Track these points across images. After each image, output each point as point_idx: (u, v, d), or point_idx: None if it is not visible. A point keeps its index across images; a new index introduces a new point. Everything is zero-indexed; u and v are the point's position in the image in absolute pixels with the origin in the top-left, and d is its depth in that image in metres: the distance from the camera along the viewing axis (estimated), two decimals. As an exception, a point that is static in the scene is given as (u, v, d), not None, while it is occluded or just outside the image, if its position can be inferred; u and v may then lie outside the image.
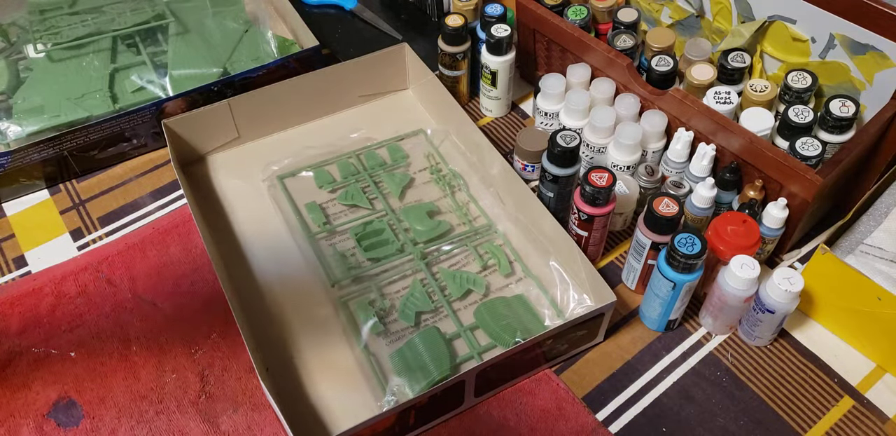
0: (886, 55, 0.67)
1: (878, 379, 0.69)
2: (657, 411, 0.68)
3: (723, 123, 0.71)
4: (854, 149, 0.67)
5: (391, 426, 0.63)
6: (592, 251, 0.77)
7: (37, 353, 0.73)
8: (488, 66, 0.88)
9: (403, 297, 0.74)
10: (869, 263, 0.70)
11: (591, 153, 0.80)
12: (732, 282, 0.65)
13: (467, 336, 0.71)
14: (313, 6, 1.11)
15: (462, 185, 0.85)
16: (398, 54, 0.92)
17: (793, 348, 0.72)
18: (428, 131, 0.90)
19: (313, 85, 0.90)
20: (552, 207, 0.78)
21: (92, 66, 0.90)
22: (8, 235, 0.84)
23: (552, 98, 0.83)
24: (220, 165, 0.89)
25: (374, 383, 0.69)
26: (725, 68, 0.75)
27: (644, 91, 0.78)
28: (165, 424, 0.68)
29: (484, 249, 0.79)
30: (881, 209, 0.73)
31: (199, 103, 0.88)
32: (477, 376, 0.63)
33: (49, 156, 0.84)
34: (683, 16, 0.82)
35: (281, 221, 0.82)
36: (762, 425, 0.67)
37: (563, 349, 0.70)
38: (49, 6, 0.95)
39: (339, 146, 0.89)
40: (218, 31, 0.95)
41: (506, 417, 0.68)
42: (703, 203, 0.71)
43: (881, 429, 0.66)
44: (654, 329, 0.73)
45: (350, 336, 0.72)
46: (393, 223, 0.81)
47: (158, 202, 0.86)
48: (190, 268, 0.79)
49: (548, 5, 0.84)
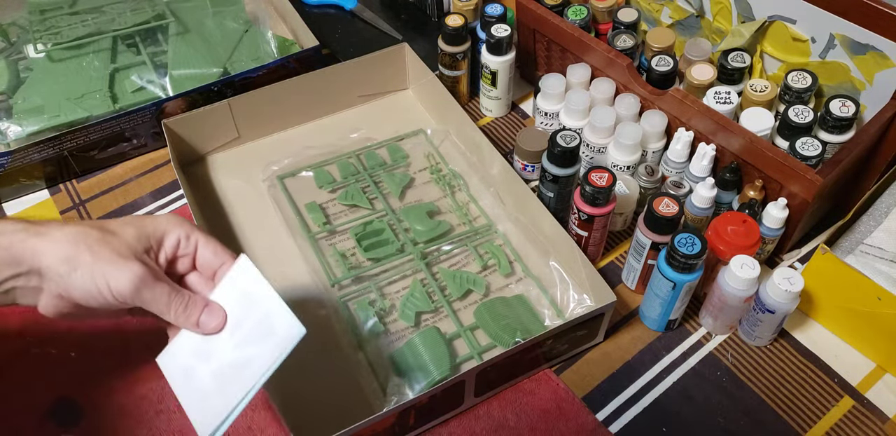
0: (886, 55, 0.67)
1: (878, 379, 0.69)
2: (657, 411, 0.68)
3: (723, 123, 0.71)
4: (854, 149, 0.67)
5: (391, 426, 0.63)
6: (592, 251, 0.77)
7: (37, 353, 0.73)
8: (488, 66, 0.88)
9: (403, 297, 0.74)
10: (869, 263, 0.70)
11: (591, 153, 0.80)
12: (732, 282, 0.65)
13: (467, 336, 0.71)
14: (313, 6, 1.11)
15: (462, 185, 0.85)
16: (398, 54, 0.92)
17: (793, 348, 0.72)
18: (428, 131, 0.90)
19: (313, 85, 0.90)
20: (552, 207, 0.78)
21: (92, 66, 0.90)
22: (8, 235, 0.84)
23: (552, 98, 0.83)
24: (220, 165, 0.89)
25: (374, 383, 0.69)
26: (725, 68, 0.75)
27: (644, 91, 0.78)
28: (165, 424, 0.68)
29: (484, 249, 0.79)
30: (881, 209, 0.73)
31: (199, 103, 0.88)
32: (477, 376, 0.63)
33: (49, 156, 0.84)
34: (683, 16, 0.82)
35: (281, 221, 0.82)
36: (762, 425, 0.67)
37: (563, 349, 0.70)
38: (49, 6, 0.95)
39: (339, 146, 0.89)
40: (218, 31, 0.95)
41: (506, 417, 0.68)
42: (703, 203, 0.71)
43: (881, 429, 0.66)
44: (654, 329, 0.73)
45: (350, 336, 0.72)
46: (393, 223, 0.81)
47: (158, 202, 0.86)
48: (190, 268, 0.79)
49: (548, 5, 0.84)
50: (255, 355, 0.53)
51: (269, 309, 0.53)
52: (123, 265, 0.51)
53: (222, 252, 0.56)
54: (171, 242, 0.54)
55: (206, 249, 0.56)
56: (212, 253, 0.56)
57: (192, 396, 0.55)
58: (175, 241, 0.55)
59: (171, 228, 0.55)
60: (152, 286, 0.52)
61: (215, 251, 0.56)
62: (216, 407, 0.53)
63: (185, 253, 0.55)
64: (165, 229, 0.54)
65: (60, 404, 0.69)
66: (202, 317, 0.54)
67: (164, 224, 0.54)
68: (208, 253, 0.55)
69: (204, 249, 0.56)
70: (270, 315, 0.53)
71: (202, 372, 0.55)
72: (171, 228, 0.55)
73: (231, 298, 0.55)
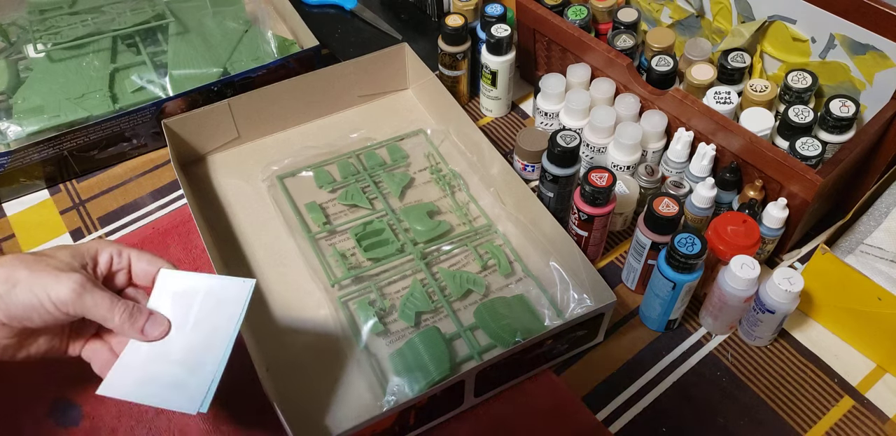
0: (886, 55, 0.67)
1: (878, 379, 0.69)
2: (657, 411, 0.68)
3: (723, 123, 0.71)
4: (854, 149, 0.68)
5: (391, 426, 0.63)
6: (592, 251, 0.77)
7: (37, 353, 0.73)
8: (488, 66, 0.88)
9: (403, 297, 0.74)
10: (869, 263, 0.70)
11: (591, 153, 0.80)
12: (732, 282, 0.65)
13: (467, 336, 0.71)
14: (313, 6, 1.11)
15: (462, 185, 0.85)
16: (398, 54, 0.92)
17: (793, 348, 0.72)
18: (428, 131, 0.90)
19: (313, 85, 0.90)
20: (552, 207, 0.78)
21: (92, 66, 0.90)
22: (8, 235, 0.84)
23: (552, 98, 0.83)
24: (220, 165, 0.89)
25: (374, 383, 0.69)
26: (725, 68, 0.75)
27: (644, 91, 0.78)
28: (165, 424, 0.68)
29: (484, 249, 0.79)
30: (881, 209, 0.73)
31: (199, 103, 0.88)
32: (477, 376, 0.63)
33: (49, 156, 0.84)
34: (683, 16, 0.82)
35: (281, 221, 0.82)
36: (762, 425, 0.67)
37: (563, 349, 0.70)
38: (49, 6, 0.95)
39: (339, 146, 0.89)
40: (218, 31, 0.95)
41: (506, 417, 0.68)
42: (703, 203, 0.71)
43: (881, 429, 0.66)
44: (654, 329, 0.73)
45: (350, 336, 0.72)
46: (393, 223, 0.81)
47: (158, 202, 0.86)
48: (190, 268, 0.79)
49: (548, 5, 0.84)
50: (216, 326, 0.55)
51: (209, 288, 0.56)
52: (62, 275, 0.52)
53: (156, 259, 0.58)
54: (104, 259, 0.56)
55: (140, 261, 0.58)
56: (146, 262, 0.58)
57: (165, 392, 0.56)
58: (108, 257, 0.57)
59: (102, 246, 0.57)
60: (93, 292, 0.53)
61: (150, 260, 0.58)
62: (196, 384, 0.55)
63: (119, 268, 0.57)
64: (97, 248, 0.57)
65: (60, 404, 0.69)
66: (146, 324, 0.56)
67: (95, 244, 0.57)
68: (143, 263, 0.57)
69: (138, 261, 0.58)
70: (212, 292, 0.56)
71: (164, 368, 0.56)
72: (102, 247, 0.57)
73: (166, 303, 0.57)
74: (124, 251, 0.58)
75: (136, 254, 0.58)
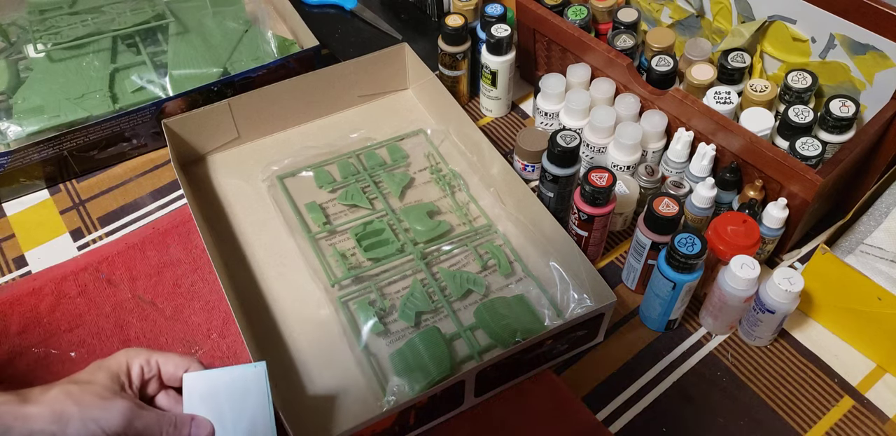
0: (886, 55, 0.67)
1: (878, 379, 0.69)
2: (657, 411, 0.68)
3: (723, 123, 0.71)
4: (854, 149, 0.68)
5: (391, 426, 0.63)
6: (592, 251, 0.77)
7: (37, 353, 0.73)
8: (488, 66, 0.88)
9: (403, 297, 0.74)
10: (869, 263, 0.70)
11: (591, 153, 0.80)
12: (732, 282, 0.65)
13: (467, 336, 0.71)
14: (313, 6, 1.11)
15: (462, 185, 0.85)
16: (398, 54, 0.92)
17: (793, 348, 0.72)
18: (428, 131, 0.90)
19: (313, 85, 0.90)
20: (552, 207, 0.78)
21: (92, 66, 0.90)
22: (8, 235, 0.84)
23: (552, 98, 0.83)
24: (220, 165, 0.89)
25: (374, 383, 0.69)
26: (725, 68, 0.75)
27: (644, 91, 0.78)
28: (165, 424, 0.68)
29: (484, 250, 0.79)
30: (881, 209, 0.73)
31: (199, 103, 0.88)
32: (477, 376, 0.63)
33: (49, 156, 0.84)
34: (683, 16, 0.82)
35: (281, 221, 0.82)
36: (762, 425, 0.67)
37: (563, 349, 0.70)
38: (49, 6, 0.95)
39: (339, 146, 0.89)
40: (218, 31, 0.95)
41: (506, 417, 0.68)
42: (703, 203, 0.71)
43: (881, 429, 0.66)
44: (654, 329, 0.73)
45: (350, 336, 0.72)
46: (393, 223, 0.81)
47: (158, 202, 0.86)
48: (190, 268, 0.79)
49: (548, 5, 0.84)
50: (253, 416, 0.58)
51: (230, 381, 0.59)
52: (110, 405, 0.55)
53: (182, 360, 0.61)
54: (136, 372, 0.59)
55: (168, 365, 0.60)
56: (174, 365, 0.60)
57: None
58: (139, 369, 0.59)
59: (131, 358, 0.59)
60: (140, 415, 0.56)
61: (176, 364, 0.60)
62: None
63: (150, 376, 0.60)
64: (127, 362, 0.59)
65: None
66: (192, 430, 0.58)
67: (124, 358, 0.59)
68: (170, 367, 0.60)
69: (166, 365, 0.60)
70: (234, 385, 0.59)
71: None
72: (132, 359, 0.59)
73: (200, 406, 0.59)
74: (152, 358, 0.60)
75: (163, 359, 0.60)
